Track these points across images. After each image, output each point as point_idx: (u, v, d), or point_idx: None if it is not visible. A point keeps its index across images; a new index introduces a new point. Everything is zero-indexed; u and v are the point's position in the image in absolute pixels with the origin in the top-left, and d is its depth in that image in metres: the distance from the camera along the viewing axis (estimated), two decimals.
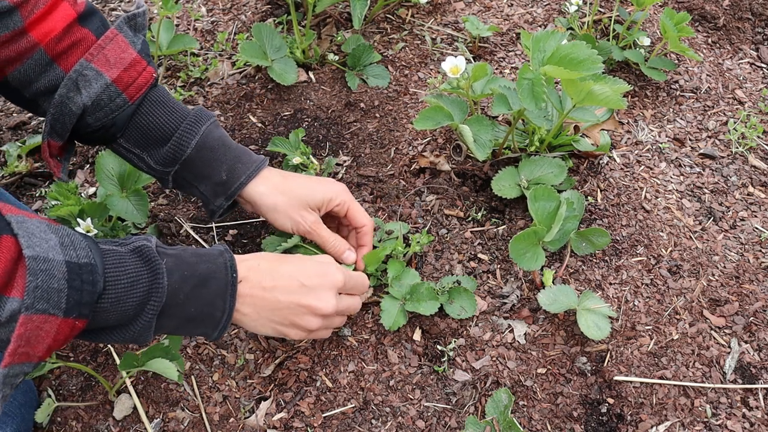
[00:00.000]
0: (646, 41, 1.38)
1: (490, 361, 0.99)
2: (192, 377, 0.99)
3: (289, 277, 0.83)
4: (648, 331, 1.01)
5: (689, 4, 1.54)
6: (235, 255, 0.82)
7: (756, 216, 1.17)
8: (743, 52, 1.47)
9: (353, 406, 0.95)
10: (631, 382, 0.96)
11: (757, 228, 1.15)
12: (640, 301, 1.05)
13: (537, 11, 1.53)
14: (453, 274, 1.08)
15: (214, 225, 1.17)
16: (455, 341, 1.00)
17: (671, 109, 1.35)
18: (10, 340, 0.60)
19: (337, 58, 1.42)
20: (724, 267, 1.09)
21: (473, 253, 1.11)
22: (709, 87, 1.39)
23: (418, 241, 1.06)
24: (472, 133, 1.08)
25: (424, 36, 1.49)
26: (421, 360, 0.99)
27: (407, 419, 0.94)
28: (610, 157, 1.25)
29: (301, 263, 0.87)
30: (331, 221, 1.04)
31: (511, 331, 1.02)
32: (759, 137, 1.29)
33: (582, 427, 0.93)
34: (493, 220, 1.15)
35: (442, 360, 0.99)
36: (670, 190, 1.20)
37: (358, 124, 1.32)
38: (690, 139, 1.29)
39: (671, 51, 1.37)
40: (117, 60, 0.84)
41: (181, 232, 1.16)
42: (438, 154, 1.24)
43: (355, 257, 1.00)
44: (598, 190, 1.19)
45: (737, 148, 1.27)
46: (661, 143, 1.28)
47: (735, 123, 1.32)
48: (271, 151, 1.21)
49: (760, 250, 1.12)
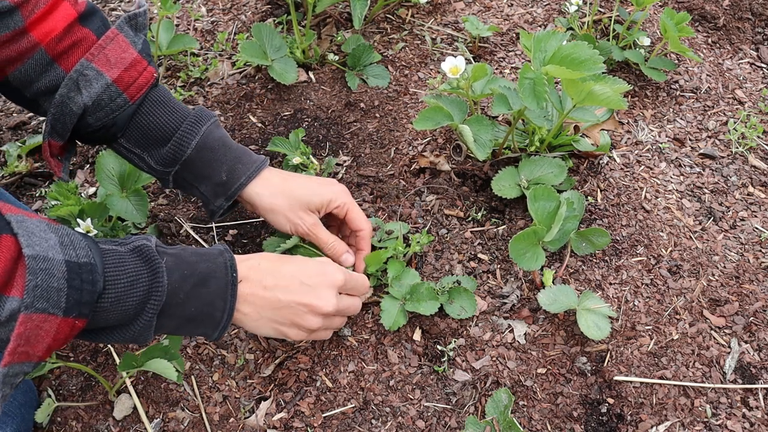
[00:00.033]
0: (646, 41, 1.38)
1: (490, 361, 0.99)
2: (192, 377, 0.99)
3: (290, 276, 0.83)
4: (648, 331, 1.01)
5: (689, 4, 1.54)
6: (235, 255, 0.82)
7: (756, 216, 1.17)
8: (743, 52, 1.47)
9: (353, 406, 0.95)
10: (631, 382, 0.96)
11: (757, 228, 1.15)
12: (640, 301, 1.05)
13: (537, 11, 1.53)
14: (453, 274, 1.08)
15: (214, 225, 1.17)
16: (455, 341, 1.00)
17: (671, 109, 1.35)
18: (10, 339, 0.60)
19: (337, 58, 1.42)
20: (724, 267, 1.09)
21: (473, 253, 1.11)
22: (709, 87, 1.39)
23: (418, 241, 1.06)
24: (472, 133, 1.08)
25: (424, 36, 1.49)
26: (421, 360, 0.99)
27: (407, 419, 0.94)
28: (610, 157, 1.25)
29: (302, 263, 0.87)
30: (333, 220, 1.04)
31: (511, 331, 1.02)
32: (759, 137, 1.29)
33: (582, 427, 0.93)
34: (493, 220, 1.15)
35: (442, 360, 0.99)
36: (670, 190, 1.20)
37: (358, 124, 1.32)
38: (690, 139, 1.29)
39: (671, 51, 1.37)
40: (118, 60, 0.84)
41: (181, 232, 1.16)
42: (438, 154, 1.24)
43: (353, 260, 1.00)
44: (598, 190, 1.19)
45: (737, 148, 1.27)
46: (661, 143, 1.28)
47: (735, 123, 1.32)
48: (271, 151, 1.21)
49: (760, 250, 1.12)
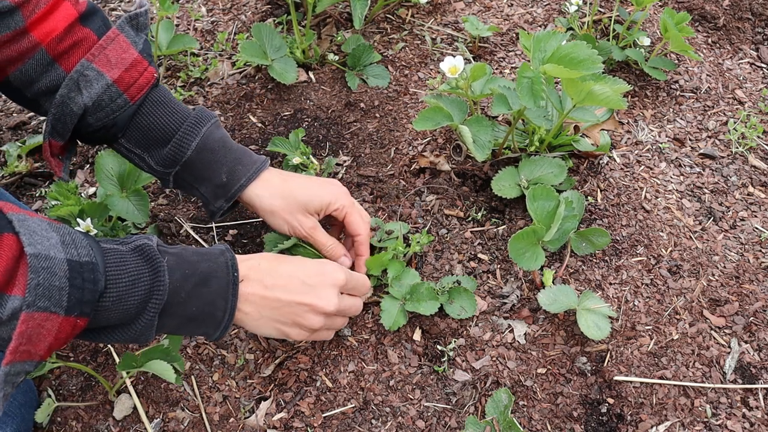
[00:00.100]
0: (646, 41, 1.38)
1: (490, 361, 0.99)
2: (192, 377, 0.99)
3: (291, 276, 0.83)
4: (648, 331, 1.01)
5: (689, 4, 1.54)
6: (236, 255, 0.82)
7: (756, 216, 1.17)
8: (743, 52, 1.47)
9: (353, 406, 0.95)
10: (631, 382, 0.96)
11: (757, 228, 1.15)
12: (640, 301, 1.05)
13: (537, 11, 1.53)
14: (453, 274, 1.08)
15: (214, 225, 1.17)
16: (455, 341, 1.00)
17: (671, 109, 1.35)
18: (12, 338, 0.60)
19: (337, 58, 1.42)
20: (724, 267, 1.09)
21: (473, 253, 1.11)
22: (709, 87, 1.39)
23: (418, 241, 1.06)
24: (472, 133, 1.08)
25: (424, 36, 1.49)
26: (421, 360, 0.99)
27: (407, 419, 0.94)
28: (610, 157, 1.25)
29: (303, 262, 0.87)
30: (334, 220, 1.03)
31: (511, 331, 1.02)
32: (759, 137, 1.29)
33: (582, 427, 0.93)
34: (493, 220, 1.15)
35: (442, 360, 0.99)
36: (670, 190, 1.20)
37: (358, 124, 1.32)
38: (690, 139, 1.29)
39: (671, 51, 1.37)
40: (118, 60, 0.84)
41: (181, 232, 1.16)
42: (438, 154, 1.24)
43: (350, 263, 1.00)
44: (598, 190, 1.19)
45: (737, 148, 1.27)
46: (661, 143, 1.28)
47: (735, 123, 1.32)
48: (271, 151, 1.21)
49: (760, 250, 1.12)
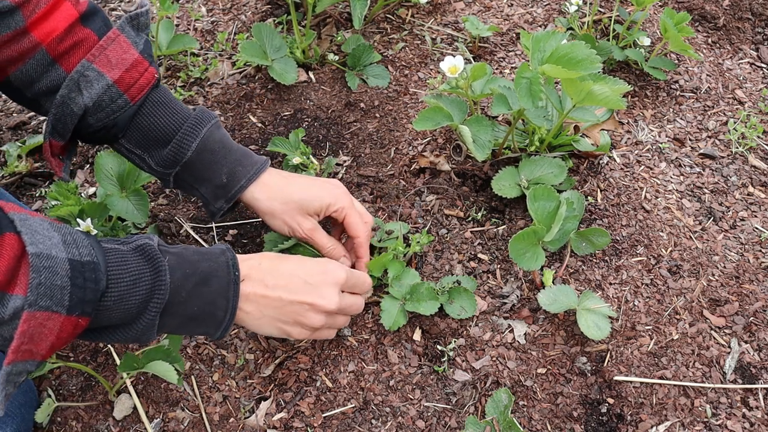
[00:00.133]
0: (646, 41, 1.38)
1: (490, 361, 0.99)
2: (192, 377, 0.99)
3: (291, 275, 0.83)
4: (648, 331, 1.01)
5: (689, 4, 1.54)
6: (236, 254, 0.82)
7: (756, 216, 1.17)
8: (743, 52, 1.47)
9: (353, 406, 0.95)
10: (631, 382, 0.96)
11: (757, 228, 1.15)
12: (640, 301, 1.05)
13: (537, 11, 1.53)
14: (453, 274, 1.08)
15: (214, 225, 1.17)
16: (455, 341, 1.00)
17: (671, 109, 1.35)
18: (13, 337, 0.60)
19: (337, 58, 1.42)
20: (724, 267, 1.09)
21: (473, 253, 1.11)
22: (709, 87, 1.39)
23: (418, 241, 1.06)
24: (472, 133, 1.08)
25: (424, 36, 1.49)
26: (421, 360, 0.99)
27: (407, 419, 0.94)
28: (610, 157, 1.25)
29: (303, 261, 0.87)
30: (335, 221, 1.03)
31: (511, 331, 1.02)
32: (759, 137, 1.29)
33: (582, 427, 0.93)
34: (493, 220, 1.15)
35: (442, 360, 0.99)
36: (670, 190, 1.20)
37: (358, 124, 1.32)
38: (690, 139, 1.29)
39: (671, 51, 1.37)
40: (119, 61, 0.84)
41: (181, 232, 1.16)
42: (438, 154, 1.24)
43: (350, 264, 1.00)
44: (598, 190, 1.19)
45: (737, 148, 1.27)
46: (661, 143, 1.28)
47: (735, 123, 1.32)
48: (271, 151, 1.21)
49: (760, 250, 1.12)
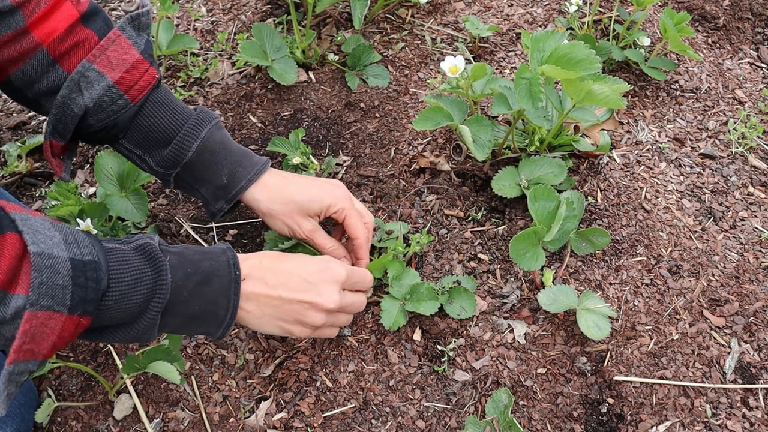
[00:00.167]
0: (646, 41, 1.38)
1: (490, 361, 0.99)
2: (192, 377, 0.99)
3: (292, 273, 0.83)
4: (648, 331, 1.01)
5: (689, 4, 1.54)
6: (237, 253, 0.82)
7: (756, 216, 1.17)
8: (743, 52, 1.47)
9: (353, 406, 0.95)
10: (631, 382, 0.96)
11: (757, 228, 1.15)
12: (640, 301, 1.05)
13: (537, 11, 1.53)
14: (453, 274, 1.08)
15: (214, 225, 1.17)
16: (455, 341, 1.00)
17: (671, 109, 1.35)
18: (15, 336, 0.60)
19: (337, 58, 1.42)
20: (724, 267, 1.09)
21: (473, 253, 1.11)
22: (709, 87, 1.39)
23: (418, 241, 1.06)
24: (472, 133, 1.08)
25: (424, 36, 1.49)
26: (421, 360, 0.99)
27: (407, 419, 0.94)
28: (610, 157, 1.25)
29: (304, 260, 0.87)
30: (336, 221, 1.03)
31: (511, 331, 1.02)
32: (759, 137, 1.29)
33: (582, 427, 0.93)
34: (493, 220, 1.15)
35: (442, 360, 0.99)
36: (670, 190, 1.20)
37: (358, 124, 1.32)
38: (690, 139, 1.29)
39: (671, 51, 1.37)
40: (119, 61, 0.84)
41: (181, 232, 1.16)
42: (438, 154, 1.24)
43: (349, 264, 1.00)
44: (598, 190, 1.19)
45: (737, 148, 1.27)
46: (661, 143, 1.28)
47: (735, 123, 1.32)
48: (271, 151, 1.21)
49: (760, 250, 1.12)
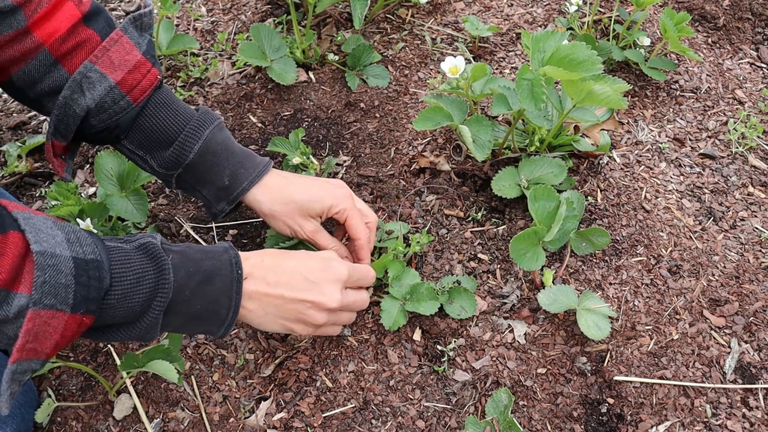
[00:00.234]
0: (646, 41, 1.38)
1: (490, 361, 0.99)
2: (192, 377, 0.99)
3: (293, 272, 0.83)
4: (648, 331, 1.01)
5: (689, 4, 1.54)
6: (239, 252, 0.82)
7: (756, 216, 1.17)
8: (743, 52, 1.47)
9: (353, 406, 0.95)
10: (631, 382, 0.96)
11: (757, 228, 1.15)
12: (640, 301, 1.05)
13: (537, 11, 1.53)
14: (453, 274, 1.08)
15: (214, 225, 1.17)
16: (455, 341, 1.00)
17: (671, 109, 1.35)
18: (18, 335, 0.60)
19: (337, 58, 1.42)
20: (724, 267, 1.09)
21: (473, 253, 1.11)
22: (709, 87, 1.39)
23: (418, 241, 1.06)
24: (472, 133, 1.08)
25: (424, 36, 1.49)
26: (421, 360, 0.99)
27: (407, 419, 0.94)
28: (610, 157, 1.25)
29: (305, 258, 0.87)
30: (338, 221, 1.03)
31: (511, 331, 1.02)
32: (759, 137, 1.29)
33: (582, 427, 0.93)
34: (493, 220, 1.15)
35: (442, 360, 0.99)
36: (670, 190, 1.20)
37: (358, 124, 1.32)
38: (690, 139, 1.29)
39: (671, 51, 1.37)
40: (121, 62, 0.84)
41: (181, 232, 1.16)
42: (438, 154, 1.24)
43: None
44: (598, 190, 1.19)
45: (737, 148, 1.27)
46: (661, 143, 1.28)
47: (735, 123, 1.32)
48: (271, 151, 1.21)
49: (760, 250, 1.12)
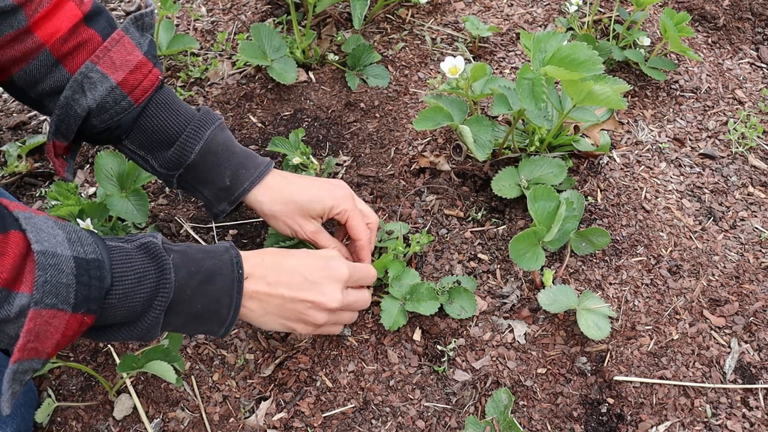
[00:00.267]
0: (646, 41, 1.38)
1: (490, 361, 0.99)
2: (192, 377, 0.99)
3: (293, 272, 0.83)
4: (648, 331, 1.01)
5: (689, 4, 1.54)
6: (240, 251, 0.82)
7: (756, 216, 1.17)
8: (743, 52, 1.47)
9: (353, 406, 0.95)
10: (631, 382, 0.96)
11: (757, 228, 1.15)
12: (640, 301, 1.05)
13: (537, 11, 1.53)
14: (453, 274, 1.08)
15: (214, 225, 1.17)
16: (455, 341, 1.00)
17: (671, 109, 1.35)
18: (19, 335, 0.60)
19: (337, 58, 1.42)
20: (724, 267, 1.09)
21: (473, 253, 1.11)
22: (709, 87, 1.39)
23: (418, 241, 1.06)
24: (472, 133, 1.08)
25: (424, 36, 1.49)
26: (421, 360, 0.99)
27: (407, 419, 0.94)
28: (610, 157, 1.25)
29: (305, 257, 0.86)
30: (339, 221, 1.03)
31: (511, 331, 1.02)
32: (759, 137, 1.29)
33: (582, 427, 0.93)
34: (493, 220, 1.15)
35: (442, 360, 0.99)
36: (670, 190, 1.20)
37: (358, 124, 1.32)
38: (690, 139, 1.29)
39: (671, 51, 1.37)
40: (123, 62, 0.84)
41: (181, 232, 1.16)
42: (438, 154, 1.24)
43: None
44: (598, 190, 1.19)
45: (737, 148, 1.27)
46: (661, 143, 1.28)
47: (735, 123, 1.32)
48: (271, 151, 1.21)
49: (760, 250, 1.12)
